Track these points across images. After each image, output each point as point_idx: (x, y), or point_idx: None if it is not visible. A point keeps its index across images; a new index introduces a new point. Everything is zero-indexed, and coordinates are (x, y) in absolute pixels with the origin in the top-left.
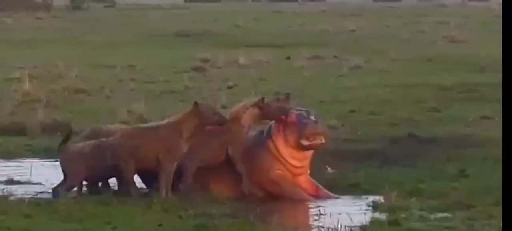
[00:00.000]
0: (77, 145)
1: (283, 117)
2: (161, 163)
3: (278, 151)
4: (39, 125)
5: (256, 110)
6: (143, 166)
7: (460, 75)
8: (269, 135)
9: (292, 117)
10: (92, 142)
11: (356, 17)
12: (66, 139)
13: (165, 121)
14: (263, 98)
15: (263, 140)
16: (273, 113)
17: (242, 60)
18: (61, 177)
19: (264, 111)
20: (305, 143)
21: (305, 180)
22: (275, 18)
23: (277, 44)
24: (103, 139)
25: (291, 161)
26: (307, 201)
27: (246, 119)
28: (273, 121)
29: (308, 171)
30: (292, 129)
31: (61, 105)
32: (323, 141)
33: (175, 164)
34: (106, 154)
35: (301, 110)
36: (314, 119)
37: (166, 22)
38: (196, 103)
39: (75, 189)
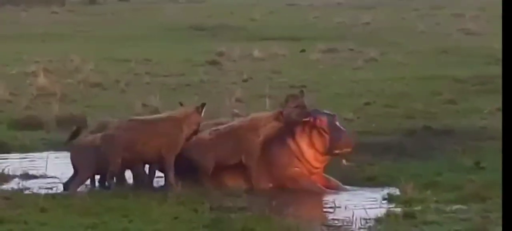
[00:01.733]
0: (87, 139)
1: (310, 119)
2: (165, 157)
3: (300, 151)
4: (55, 118)
5: (277, 124)
6: (143, 159)
7: (475, 67)
8: (291, 133)
9: (323, 123)
10: (100, 135)
11: (372, 10)
12: (75, 134)
13: (164, 114)
14: (281, 112)
15: (283, 138)
16: (295, 120)
17: (257, 53)
18: None
19: (285, 122)
20: (335, 151)
21: (320, 176)
22: (290, 11)
23: (292, 37)
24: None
25: (313, 162)
26: (325, 194)
27: (265, 131)
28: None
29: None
30: (322, 135)
31: (76, 99)
32: (351, 150)
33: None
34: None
35: (327, 114)
36: (343, 128)
37: (181, 15)
38: (204, 105)
39: (88, 183)
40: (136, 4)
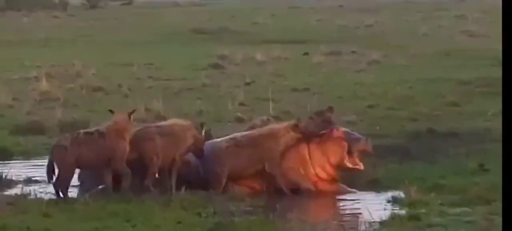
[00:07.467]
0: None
1: (327, 131)
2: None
3: (310, 156)
4: (57, 123)
5: (296, 134)
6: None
7: (479, 69)
8: (306, 141)
9: (340, 132)
10: None
11: (374, 12)
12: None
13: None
14: (297, 124)
15: (296, 142)
16: (312, 132)
17: (259, 56)
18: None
19: (304, 134)
20: (348, 164)
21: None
22: (292, 14)
23: (295, 40)
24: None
25: (318, 170)
26: (329, 198)
27: (284, 141)
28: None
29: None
30: (340, 144)
31: (79, 104)
32: (361, 168)
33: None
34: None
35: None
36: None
37: (183, 19)
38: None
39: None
40: (137, 8)
